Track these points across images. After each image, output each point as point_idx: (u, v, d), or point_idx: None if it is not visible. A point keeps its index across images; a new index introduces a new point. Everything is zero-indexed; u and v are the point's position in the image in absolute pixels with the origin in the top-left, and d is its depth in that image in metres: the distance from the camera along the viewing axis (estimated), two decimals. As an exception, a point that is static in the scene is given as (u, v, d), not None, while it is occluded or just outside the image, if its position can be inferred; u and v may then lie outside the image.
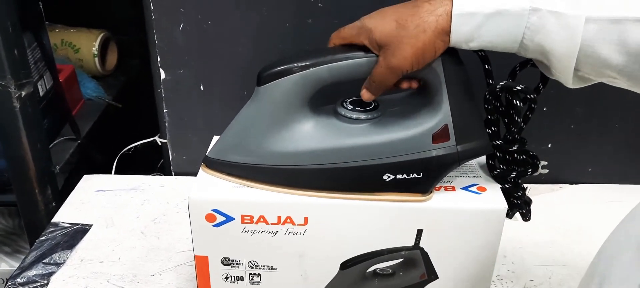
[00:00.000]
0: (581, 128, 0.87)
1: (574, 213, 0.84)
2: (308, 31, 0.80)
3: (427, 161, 0.56)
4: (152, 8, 0.79)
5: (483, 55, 0.56)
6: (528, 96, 0.54)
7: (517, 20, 0.48)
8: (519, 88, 0.54)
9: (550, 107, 0.84)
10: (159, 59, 0.83)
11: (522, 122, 0.56)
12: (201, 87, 0.85)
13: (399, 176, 0.56)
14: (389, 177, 0.56)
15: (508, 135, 0.58)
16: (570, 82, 0.51)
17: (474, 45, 0.51)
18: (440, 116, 0.55)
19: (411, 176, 0.56)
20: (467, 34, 0.50)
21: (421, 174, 0.56)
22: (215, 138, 0.70)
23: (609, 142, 0.88)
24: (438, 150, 0.55)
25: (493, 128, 0.58)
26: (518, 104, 0.55)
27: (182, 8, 0.79)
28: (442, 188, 0.58)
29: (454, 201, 0.57)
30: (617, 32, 0.46)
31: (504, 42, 0.50)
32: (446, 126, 0.55)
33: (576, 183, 0.91)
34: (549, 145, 0.88)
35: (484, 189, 0.58)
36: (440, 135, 0.55)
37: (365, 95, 0.56)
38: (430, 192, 0.57)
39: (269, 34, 0.81)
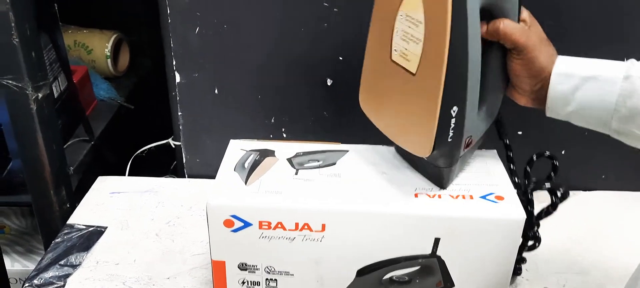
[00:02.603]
0: (594, 135, 0.86)
1: (588, 220, 0.84)
2: (324, 35, 0.81)
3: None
4: (168, 12, 0.79)
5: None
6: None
7: (611, 86, 0.53)
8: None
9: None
10: (174, 63, 0.83)
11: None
12: (216, 91, 0.85)
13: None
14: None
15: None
16: None
17: (569, 109, 0.55)
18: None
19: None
20: (563, 94, 0.55)
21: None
22: (232, 142, 0.70)
23: (622, 150, 0.88)
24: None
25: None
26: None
27: (198, 12, 0.79)
28: (460, 196, 0.58)
29: (472, 210, 0.57)
30: None
31: (598, 107, 0.54)
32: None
33: (589, 190, 0.91)
34: (563, 152, 0.88)
35: (501, 198, 0.58)
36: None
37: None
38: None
39: (284, 38, 0.81)
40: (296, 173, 0.64)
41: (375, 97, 0.64)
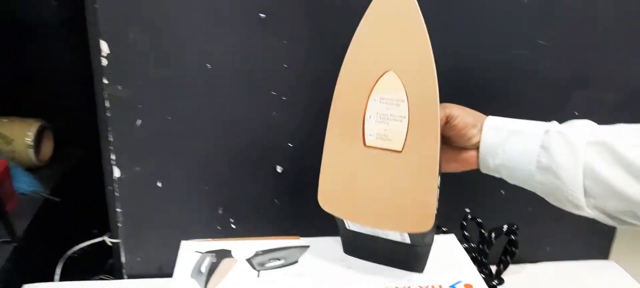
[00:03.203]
0: (538, 211, 0.90)
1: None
2: (272, 123, 0.79)
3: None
4: (107, 105, 0.75)
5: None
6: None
7: (534, 138, 0.59)
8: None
9: (508, 191, 0.87)
10: (113, 157, 0.78)
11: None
12: (159, 184, 0.80)
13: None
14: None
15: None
16: (583, 203, 0.57)
17: (497, 161, 0.61)
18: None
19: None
20: (492, 146, 0.61)
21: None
22: (184, 244, 0.65)
23: (562, 222, 0.92)
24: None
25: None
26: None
27: (140, 104, 0.75)
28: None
29: (446, 305, 0.56)
30: (615, 155, 0.54)
31: (521, 158, 0.60)
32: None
33: (536, 262, 0.93)
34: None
35: (470, 286, 0.58)
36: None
37: None
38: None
39: (231, 128, 0.79)
40: (258, 275, 0.61)
41: (344, 189, 0.61)
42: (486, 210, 0.85)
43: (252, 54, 0.76)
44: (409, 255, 0.60)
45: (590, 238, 0.94)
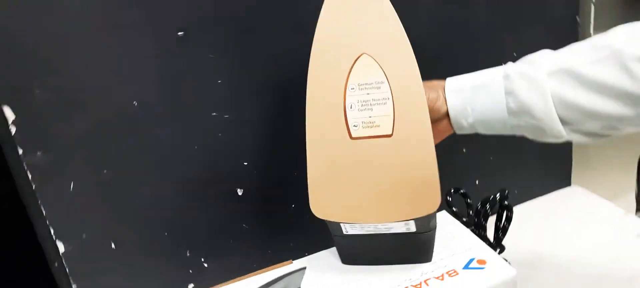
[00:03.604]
0: (500, 158, 0.89)
1: (523, 229, 0.85)
2: (221, 145, 0.72)
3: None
4: (29, 177, 0.65)
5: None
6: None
7: (496, 87, 0.58)
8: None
9: (469, 148, 0.85)
10: (52, 231, 0.68)
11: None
12: (113, 245, 0.71)
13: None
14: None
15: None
16: (563, 132, 0.56)
17: (470, 121, 0.60)
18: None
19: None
20: (461, 108, 0.60)
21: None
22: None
23: (526, 162, 0.92)
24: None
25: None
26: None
27: (69, 165, 0.66)
28: (445, 275, 0.53)
29: (463, 285, 0.53)
30: (576, 78, 0.53)
31: (492, 110, 0.58)
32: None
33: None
34: (477, 182, 0.89)
35: (484, 262, 0.54)
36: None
37: None
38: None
39: (177, 161, 0.71)
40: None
41: (337, 191, 0.56)
42: (453, 172, 0.83)
43: (179, 77, 0.68)
44: (415, 246, 0.56)
45: (551, 170, 0.95)
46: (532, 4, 0.82)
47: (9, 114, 0.62)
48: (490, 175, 0.89)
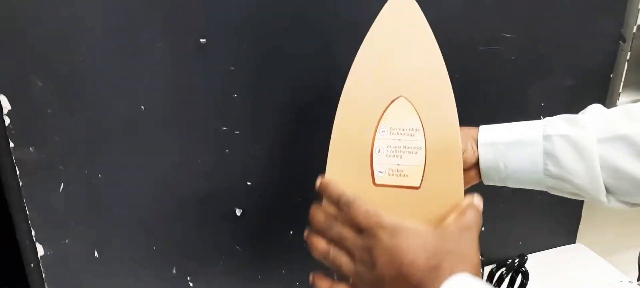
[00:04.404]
0: (509, 206, 0.86)
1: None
2: (226, 162, 0.68)
3: None
4: (18, 172, 0.59)
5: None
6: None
7: (534, 148, 0.54)
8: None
9: (478, 193, 0.82)
10: (33, 233, 0.63)
11: None
12: (96, 254, 0.66)
13: None
14: None
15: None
16: (604, 201, 0.53)
17: (502, 176, 0.56)
18: None
19: None
20: (493, 163, 0.55)
21: None
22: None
23: (533, 215, 0.90)
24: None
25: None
26: None
27: (61, 166, 0.61)
28: None
29: None
30: (635, 148, 0.50)
31: (528, 170, 0.54)
32: None
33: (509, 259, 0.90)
34: (482, 228, 0.86)
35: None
36: None
37: None
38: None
39: (177, 173, 0.67)
40: None
41: None
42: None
43: (194, 86, 0.63)
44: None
45: (558, 226, 0.93)
46: (565, 53, 0.79)
47: (5, 104, 0.56)
48: (498, 223, 0.87)
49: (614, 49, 0.83)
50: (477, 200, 0.49)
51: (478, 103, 0.77)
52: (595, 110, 0.55)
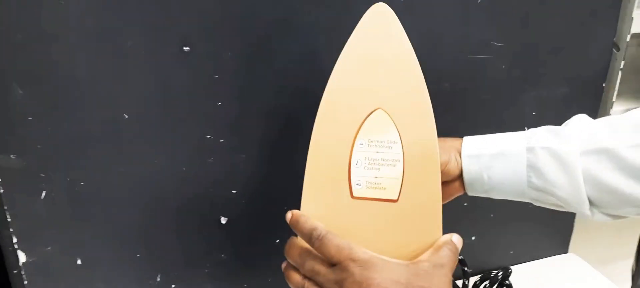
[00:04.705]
0: (500, 215, 0.86)
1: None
2: (210, 171, 0.67)
3: None
4: (-1, 180, 0.59)
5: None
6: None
7: (518, 159, 0.54)
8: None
9: (471, 202, 0.82)
10: (15, 240, 0.62)
11: None
12: (78, 262, 0.66)
13: None
14: None
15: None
16: (588, 213, 0.53)
17: (486, 188, 0.56)
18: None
19: None
20: (477, 174, 0.55)
21: None
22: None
23: (525, 223, 0.89)
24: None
25: None
26: None
27: (42, 173, 0.60)
28: None
29: None
30: (616, 161, 0.49)
31: (511, 181, 0.55)
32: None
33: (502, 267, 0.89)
34: (473, 238, 0.86)
35: None
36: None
37: None
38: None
39: (161, 183, 0.66)
40: None
41: None
42: (449, 223, 0.80)
43: (178, 94, 0.63)
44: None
45: (550, 236, 0.92)
46: (557, 62, 0.78)
47: (-17, 112, 0.56)
48: (488, 233, 0.86)
49: (608, 57, 0.82)
50: (455, 238, 0.48)
51: (468, 112, 0.76)
52: (579, 121, 0.55)
